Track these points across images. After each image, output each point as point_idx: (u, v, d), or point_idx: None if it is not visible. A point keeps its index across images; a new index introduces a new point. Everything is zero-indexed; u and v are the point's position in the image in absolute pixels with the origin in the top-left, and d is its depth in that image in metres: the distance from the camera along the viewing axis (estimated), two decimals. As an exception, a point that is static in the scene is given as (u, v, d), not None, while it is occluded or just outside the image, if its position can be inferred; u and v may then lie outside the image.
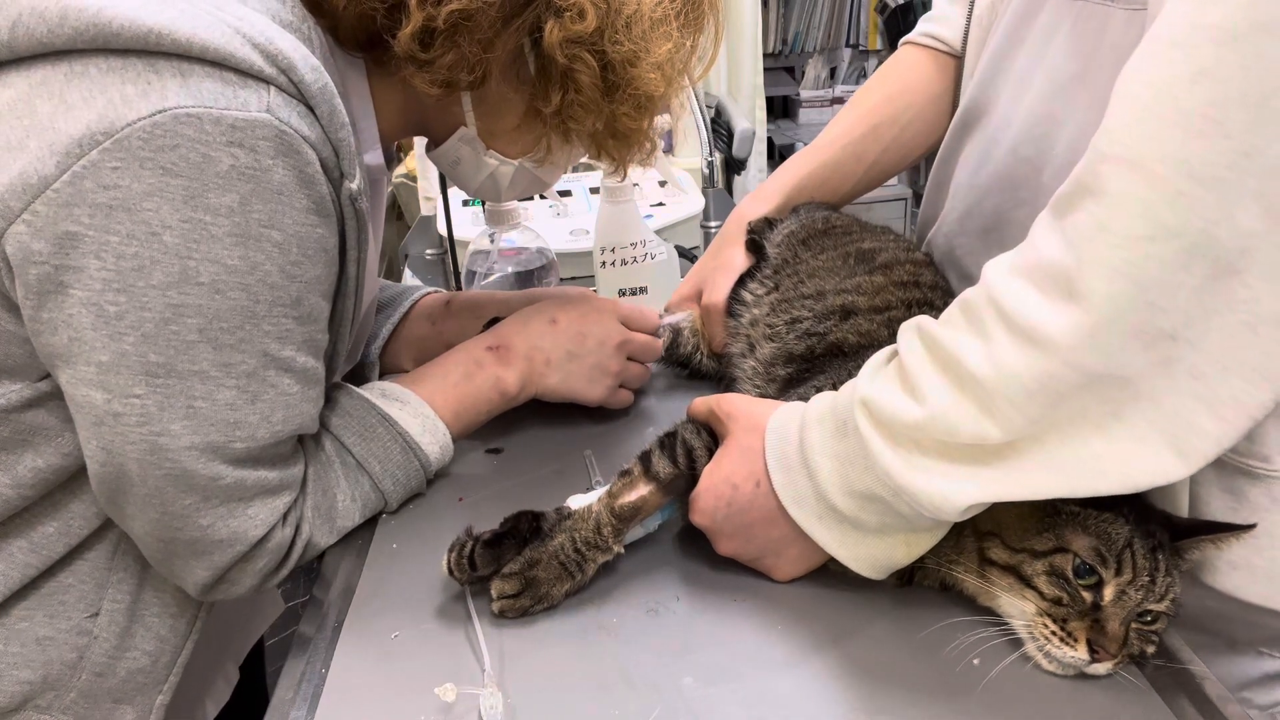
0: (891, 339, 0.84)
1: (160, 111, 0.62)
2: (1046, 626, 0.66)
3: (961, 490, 0.63)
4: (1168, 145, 0.55)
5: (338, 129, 0.69)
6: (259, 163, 0.65)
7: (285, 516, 0.77)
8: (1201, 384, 0.58)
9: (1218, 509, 0.72)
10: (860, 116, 1.10)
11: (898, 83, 1.10)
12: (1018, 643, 0.68)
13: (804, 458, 0.71)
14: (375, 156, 0.83)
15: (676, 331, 1.06)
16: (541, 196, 1.54)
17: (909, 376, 0.66)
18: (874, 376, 0.69)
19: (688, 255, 1.39)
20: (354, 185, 0.72)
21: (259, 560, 0.76)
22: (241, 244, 0.66)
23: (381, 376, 0.99)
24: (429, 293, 1.08)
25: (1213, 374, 0.57)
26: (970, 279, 0.92)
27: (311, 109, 0.68)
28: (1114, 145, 0.57)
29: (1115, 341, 0.57)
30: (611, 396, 0.98)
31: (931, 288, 0.91)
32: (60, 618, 0.77)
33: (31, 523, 0.74)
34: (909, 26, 1.15)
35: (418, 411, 0.87)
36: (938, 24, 1.07)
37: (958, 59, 1.04)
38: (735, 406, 0.78)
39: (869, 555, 0.71)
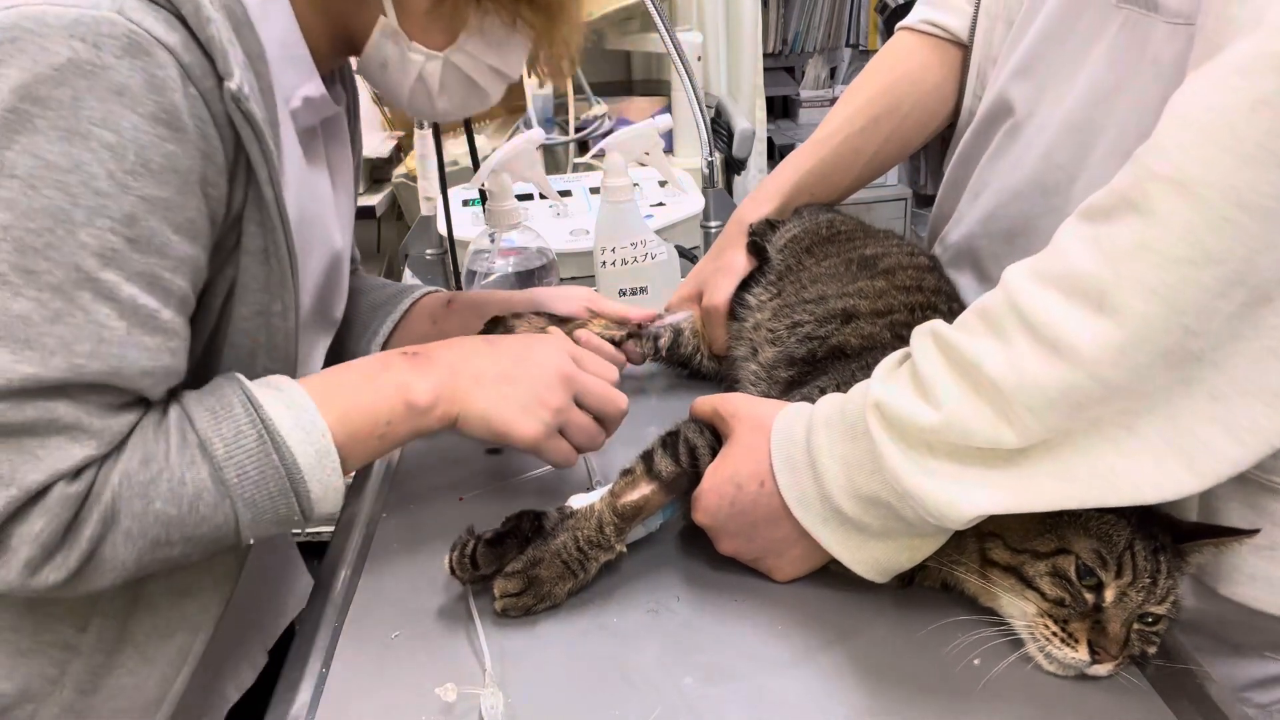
0: (894, 342, 0.84)
1: (9, 8, 0.60)
2: (1048, 627, 0.66)
3: (970, 497, 0.63)
4: (1219, 171, 0.54)
5: (204, 26, 0.64)
6: (100, 59, 0.60)
7: (80, 472, 0.63)
8: (1221, 406, 0.58)
9: (1236, 523, 0.72)
10: (859, 108, 1.08)
11: (896, 71, 1.08)
12: (1018, 643, 0.68)
13: (811, 459, 0.70)
14: (315, 87, 0.79)
15: (677, 331, 1.06)
16: (542, 196, 1.54)
17: (923, 380, 0.65)
18: (886, 380, 0.69)
19: (688, 255, 1.39)
20: (234, 85, 0.65)
21: (33, 521, 0.62)
22: (66, 139, 0.60)
23: None
24: (430, 291, 1.07)
25: (1234, 397, 0.57)
26: (990, 280, 0.92)
27: (177, 12, 0.63)
28: (1164, 164, 0.56)
29: (1143, 360, 0.57)
30: (549, 441, 0.80)
31: (935, 292, 0.91)
32: (47, 630, 0.72)
33: None
34: (909, 27, 1.14)
35: (293, 401, 0.71)
36: (941, 11, 1.05)
37: (961, 47, 1.03)
38: (740, 406, 0.78)
39: (872, 558, 0.71)
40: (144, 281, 0.64)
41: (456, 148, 2.09)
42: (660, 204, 1.56)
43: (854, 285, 0.92)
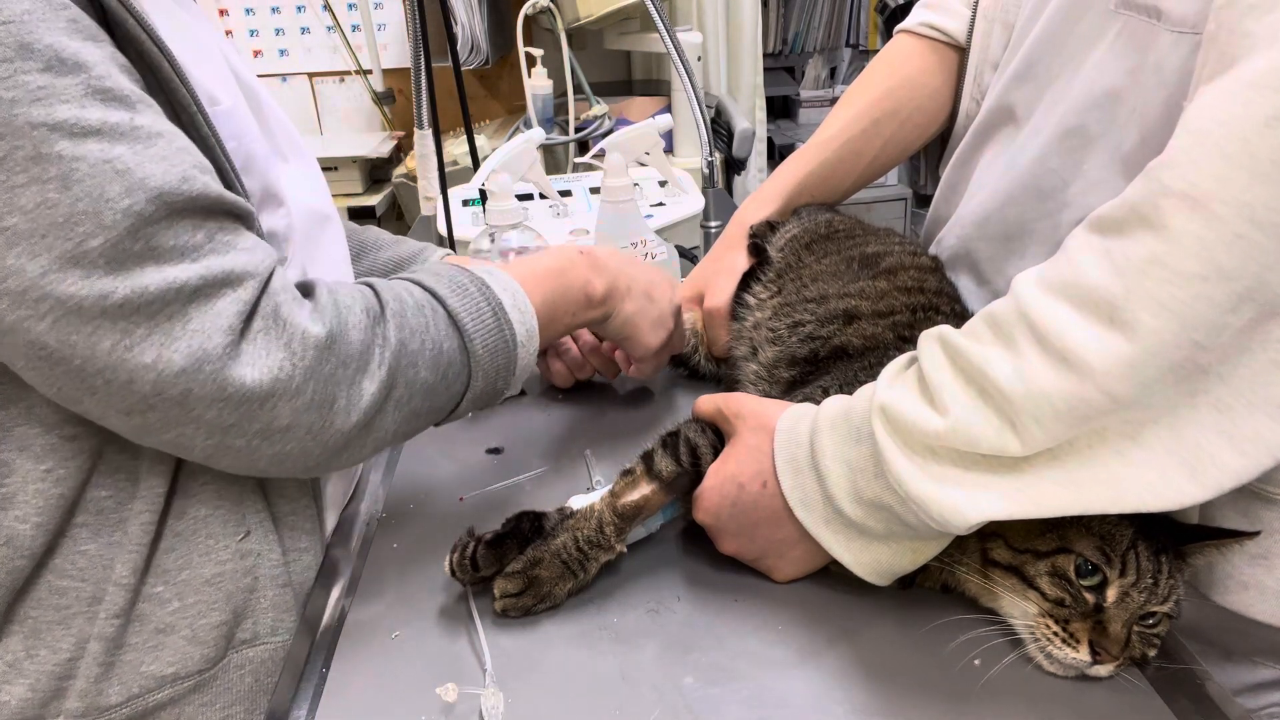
0: (896, 343, 0.84)
1: None
2: (1049, 627, 0.66)
3: (973, 503, 0.63)
4: (1232, 187, 0.54)
5: None
6: None
7: (253, 313, 0.64)
8: (1226, 418, 0.58)
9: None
10: (860, 111, 1.09)
11: (897, 75, 1.08)
12: (1019, 643, 0.68)
13: (814, 461, 0.70)
14: None
15: (677, 331, 1.07)
16: (542, 196, 1.54)
17: (929, 386, 0.66)
18: (892, 384, 0.69)
19: (688, 255, 1.39)
20: None
21: (280, 390, 0.64)
22: None
23: None
24: (445, 255, 1.07)
25: (1238, 409, 0.57)
26: (988, 283, 0.92)
27: None
28: (1177, 180, 0.56)
29: (1152, 375, 0.57)
30: (661, 355, 0.97)
31: (937, 293, 0.91)
32: (215, 551, 0.74)
33: (123, 484, 0.71)
34: (909, 27, 1.14)
35: (506, 284, 0.79)
36: (938, 14, 1.05)
37: (959, 50, 1.04)
38: (743, 405, 0.78)
39: (874, 561, 0.71)
40: (97, 97, 0.60)
41: (456, 148, 2.09)
42: (660, 204, 1.56)
43: (855, 285, 0.92)
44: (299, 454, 0.68)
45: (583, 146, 2.11)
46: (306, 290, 0.71)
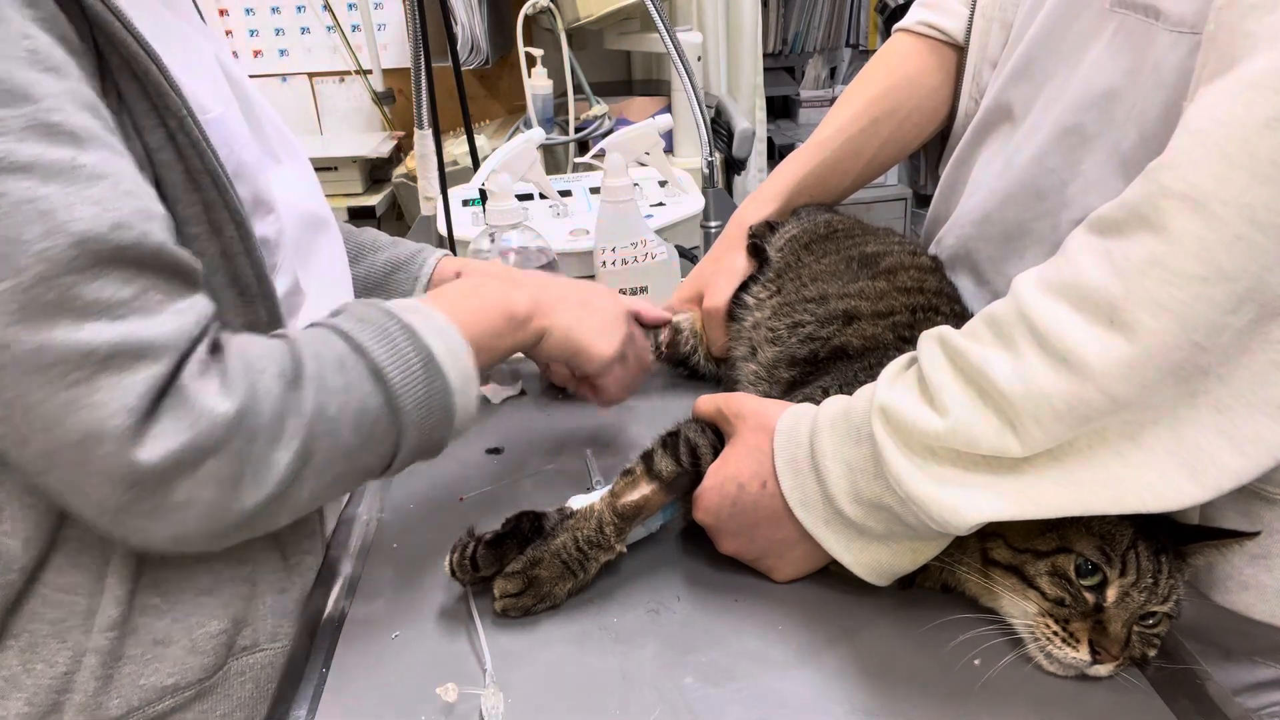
0: (896, 343, 0.84)
1: None
2: (1049, 627, 0.66)
3: (973, 504, 0.63)
4: (1232, 188, 0.54)
5: None
6: None
7: (164, 391, 0.58)
8: (1225, 419, 0.58)
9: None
10: (859, 111, 1.09)
11: (896, 74, 1.08)
12: (1018, 643, 0.68)
13: (814, 462, 0.70)
14: None
15: (676, 330, 1.06)
16: (542, 196, 1.54)
17: (929, 386, 0.66)
18: (892, 384, 0.69)
19: (688, 255, 1.39)
20: None
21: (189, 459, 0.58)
22: None
23: None
24: (443, 256, 1.05)
25: (1238, 409, 0.57)
26: (987, 283, 0.92)
27: None
28: (1178, 181, 0.56)
29: (1153, 376, 0.57)
30: (617, 364, 0.88)
31: (936, 293, 0.91)
32: (210, 560, 0.72)
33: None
34: (909, 27, 1.14)
35: (437, 324, 0.72)
36: (937, 13, 1.05)
37: (957, 49, 1.04)
38: (744, 405, 0.78)
39: (874, 561, 0.71)
40: (34, 134, 0.56)
41: (456, 148, 2.09)
42: (660, 204, 1.56)
43: (855, 285, 0.92)
44: (199, 532, 0.62)
45: (583, 146, 2.11)
46: (216, 348, 0.63)
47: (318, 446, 0.65)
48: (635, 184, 1.30)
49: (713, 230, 1.42)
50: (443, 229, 1.30)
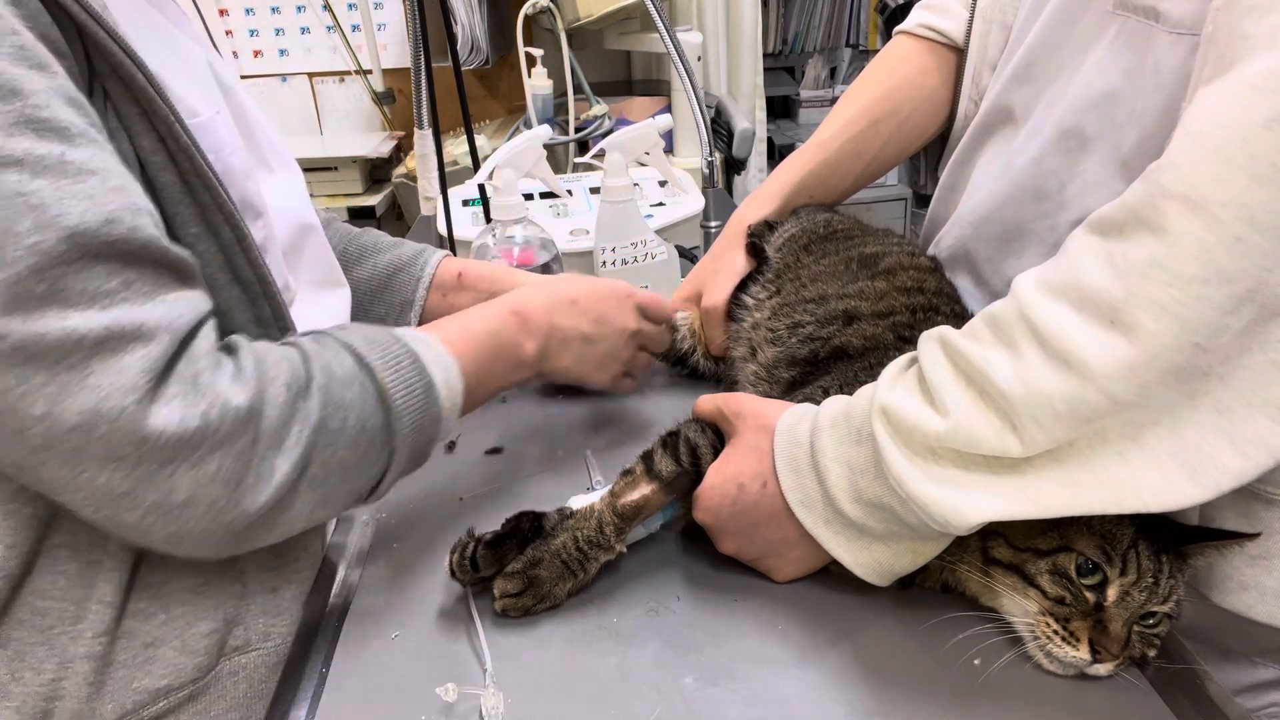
0: (896, 343, 0.84)
1: None
2: (1049, 626, 0.66)
3: (973, 504, 0.63)
4: (1232, 189, 0.54)
5: None
6: None
7: (167, 373, 0.59)
8: (1226, 419, 0.58)
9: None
10: (859, 112, 1.09)
11: (895, 76, 1.08)
12: (1019, 642, 0.68)
13: (814, 462, 0.70)
14: None
15: (674, 328, 1.06)
16: (543, 196, 1.54)
17: (930, 387, 0.66)
18: (893, 384, 0.69)
19: (688, 255, 1.39)
20: None
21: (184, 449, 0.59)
22: None
23: None
24: (443, 257, 1.06)
25: (1238, 410, 0.57)
26: (986, 284, 0.92)
27: None
28: (1177, 183, 0.56)
29: (1153, 377, 0.57)
30: (616, 384, 0.97)
31: (936, 294, 0.91)
32: (200, 561, 0.71)
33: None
34: (909, 27, 1.14)
35: (440, 357, 0.76)
36: (937, 15, 1.06)
37: (957, 51, 1.04)
38: (744, 405, 0.78)
39: (874, 561, 0.71)
40: (23, 129, 0.57)
41: (456, 148, 2.09)
42: (660, 204, 1.56)
43: (854, 286, 0.92)
44: (199, 534, 0.63)
45: (583, 146, 2.10)
46: (230, 349, 0.66)
47: (316, 458, 0.66)
48: (635, 184, 1.30)
49: (713, 230, 1.42)
50: (443, 229, 1.30)
